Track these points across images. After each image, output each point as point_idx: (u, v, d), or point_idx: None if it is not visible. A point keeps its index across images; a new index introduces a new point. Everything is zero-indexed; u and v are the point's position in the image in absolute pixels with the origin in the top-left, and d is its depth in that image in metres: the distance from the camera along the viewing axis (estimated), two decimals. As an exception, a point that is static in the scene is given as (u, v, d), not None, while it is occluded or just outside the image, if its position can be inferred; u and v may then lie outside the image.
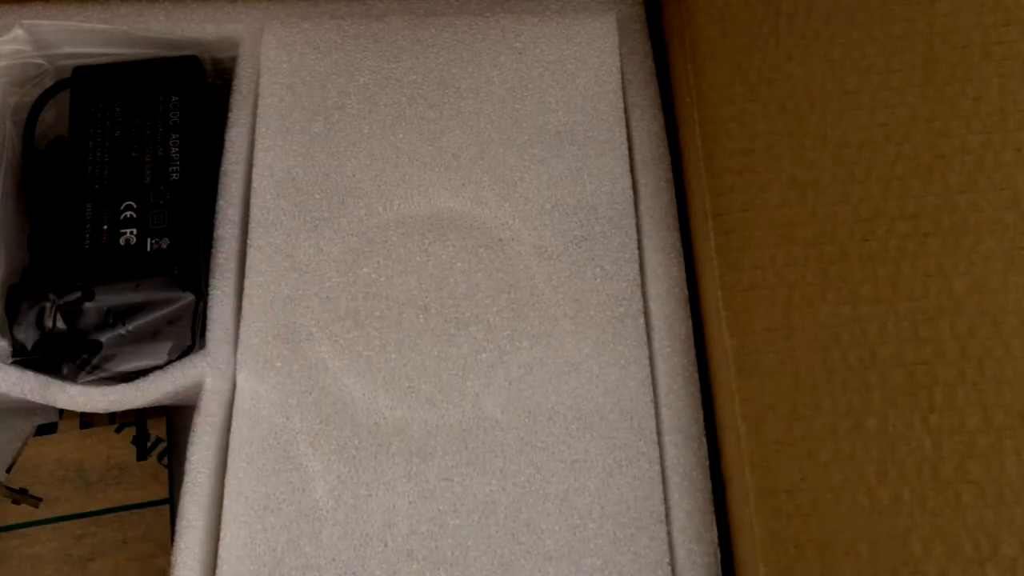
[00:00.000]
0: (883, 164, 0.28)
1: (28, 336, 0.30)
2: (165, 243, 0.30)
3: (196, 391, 0.29)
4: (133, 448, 0.31)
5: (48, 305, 0.29)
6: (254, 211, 0.31)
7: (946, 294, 0.26)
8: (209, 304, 0.30)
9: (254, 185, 0.32)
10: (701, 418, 0.29)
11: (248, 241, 0.31)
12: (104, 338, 0.30)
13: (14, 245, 0.32)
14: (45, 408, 0.30)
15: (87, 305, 0.29)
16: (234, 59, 0.34)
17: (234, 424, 0.28)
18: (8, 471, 0.30)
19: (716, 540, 0.27)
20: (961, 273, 0.27)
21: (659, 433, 0.29)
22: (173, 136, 0.32)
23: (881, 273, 0.27)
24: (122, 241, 0.30)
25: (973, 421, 0.25)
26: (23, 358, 0.30)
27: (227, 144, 0.32)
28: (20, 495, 0.30)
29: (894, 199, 0.28)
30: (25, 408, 0.31)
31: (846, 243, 0.27)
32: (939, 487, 0.24)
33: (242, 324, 0.30)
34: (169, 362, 0.30)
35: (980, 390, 0.25)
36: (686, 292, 0.31)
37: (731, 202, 0.28)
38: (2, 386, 0.28)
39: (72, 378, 0.29)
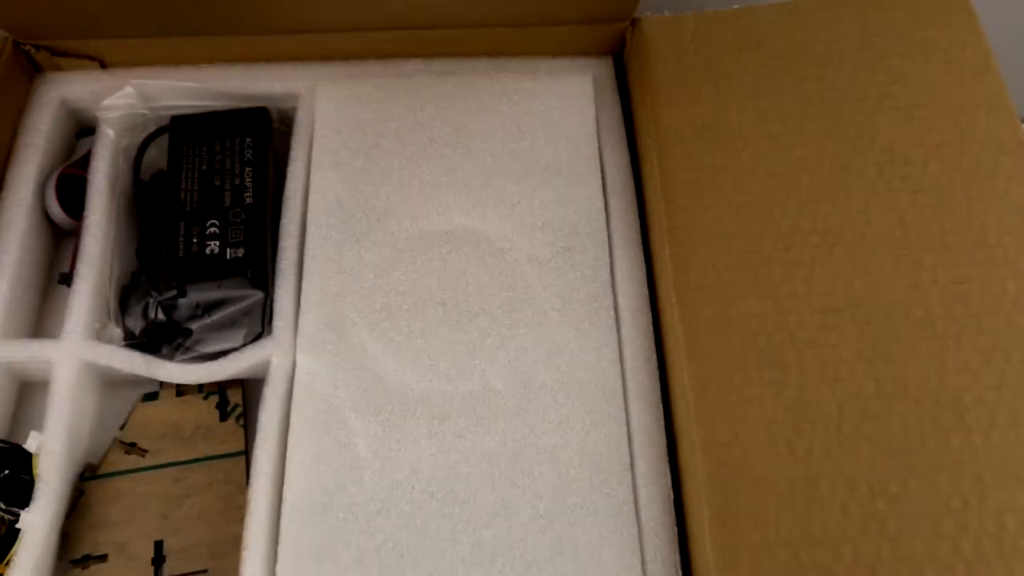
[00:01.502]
0: (799, 190, 0.30)
1: (136, 325, 0.32)
2: (241, 252, 0.32)
3: (265, 368, 0.31)
4: (216, 412, 0.33)
5: (151, 301, 0.32)
6: (310, 227, 0.33)
7: (848, 291, 0.29)
8: (275, 300, 0.32)
9: (310, 207, 0.34)
10: (658, 388, 0.31)
11: (305, 251, 0.33)
12: (194, 326, 0.32)
13: (125, 254, 0.34)
14: (149, 380, 0.32)
15: (181, 301, 0.32)
16: (294, 109, 0.36)
17: (295, 394, 0.30)
18: (121, 429, 0.33)
19: (670, 483, 0.30)
20: (860, 275, 0.29)
21: (626, 400, 0.31)
22: (247, 169, 0.34)
23: (798, 275, 0.29)
24: (207, 251, 0.32)
25: (868, 390, 0.27)
26: (132, 342, 0.32)
27: (289, 175, 0.35)
28: (131, 448, 0.32)
29: (808, 218, 0.30)
30: (134, 381, 0.33)
31: (771, 252, 0.30)
32: (842, 441, 0.26)
33: (300, 316, 0.32)
34: (244, 345, 0.32)
35: (874, 366, 0.28)
36: (647, 291, 0.33)
37: (682, 220, 0.30)
38: (116, 363, 0.31)
39: (170, 357, 0.32)
